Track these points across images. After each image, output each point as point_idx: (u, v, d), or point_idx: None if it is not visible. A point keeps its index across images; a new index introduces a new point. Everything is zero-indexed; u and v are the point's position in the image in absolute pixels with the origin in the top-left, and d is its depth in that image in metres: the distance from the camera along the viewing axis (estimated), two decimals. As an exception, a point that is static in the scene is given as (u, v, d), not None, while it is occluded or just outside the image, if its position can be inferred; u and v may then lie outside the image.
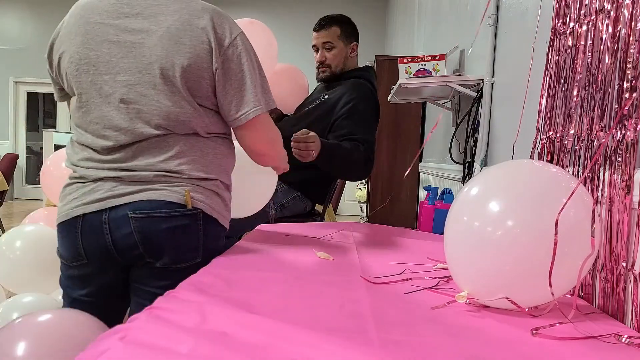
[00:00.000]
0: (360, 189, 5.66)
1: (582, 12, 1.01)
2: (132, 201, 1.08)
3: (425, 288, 0.95)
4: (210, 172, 1.15)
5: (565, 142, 1.04)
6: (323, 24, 2.12)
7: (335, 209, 3.94)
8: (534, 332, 0.72)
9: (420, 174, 3.32)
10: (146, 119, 1.09)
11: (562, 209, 0.74)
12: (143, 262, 1.11)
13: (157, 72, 1.08)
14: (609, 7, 0.91)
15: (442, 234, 0.92)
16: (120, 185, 1.09)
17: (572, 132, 1.02)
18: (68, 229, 1.11)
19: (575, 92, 1.01)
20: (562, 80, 1.08)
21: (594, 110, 0.94)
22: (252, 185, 1.48)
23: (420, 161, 3.32)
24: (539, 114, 1.17)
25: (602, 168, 0.89)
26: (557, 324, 0.75)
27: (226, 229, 1.22)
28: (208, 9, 1.13)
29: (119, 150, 1.11)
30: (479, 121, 1.93)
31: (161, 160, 1.11)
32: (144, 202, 1.08)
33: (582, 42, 1.00)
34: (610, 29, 0.90)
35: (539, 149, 1.16)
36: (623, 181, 0.82)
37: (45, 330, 0.96)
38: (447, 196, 1.91)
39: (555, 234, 0.74)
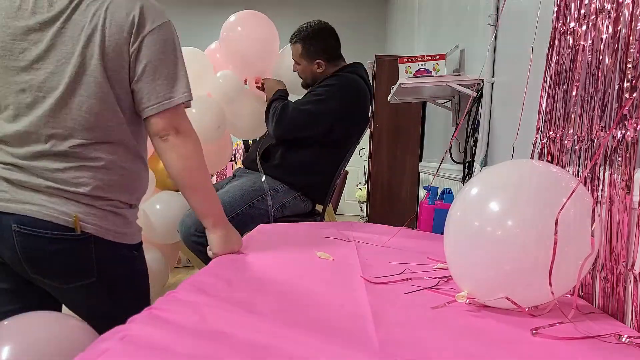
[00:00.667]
0: (360, 188, 5.66)
1: (583, 12, 1.01)
2: (17, 213, 0.99)
3: (425, 288, 0.95)
4: (109, 191, 1.06)
5: (565, 142, 1.04)
6: (291, 39, 2.12)
7: (335, 209, 3.94)
8: (534, 332, 0.72)
9: (420, 174, 3.32)
10: (59, 122, 1.01)
11: (561, 208, 0.74)
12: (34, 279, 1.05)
13: (75, 63, 1.00)
14: (609, 7, 0.91)
15: (442, 234, 0.92)
16: (12, 188, 1.01)
17: (571, 132, 1.02)
18: None
19: (575, 92, 1.01)
20: (562, 80, 1.08)
21: (594, 110, 0.94)
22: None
23: (420, 161, 3.32)
24: (539, 114, 1.17)
25: (602, 168, 0.89)
26: (557, 324, 0.75)
27: (129, 244, 1.13)
28: None
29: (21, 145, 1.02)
30: (479, 121, 1.93)
31: (60, 169, 1.02)
32: (29, 218, 0.99)
33: (582, 42, 1.00)
34: (611, 29, 0.90)
35: (539, 149, 1.16)
36: (623, 181, 0.82)
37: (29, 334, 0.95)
38: (447, 196, 1.90)
39: (555, 233, 0.74)
